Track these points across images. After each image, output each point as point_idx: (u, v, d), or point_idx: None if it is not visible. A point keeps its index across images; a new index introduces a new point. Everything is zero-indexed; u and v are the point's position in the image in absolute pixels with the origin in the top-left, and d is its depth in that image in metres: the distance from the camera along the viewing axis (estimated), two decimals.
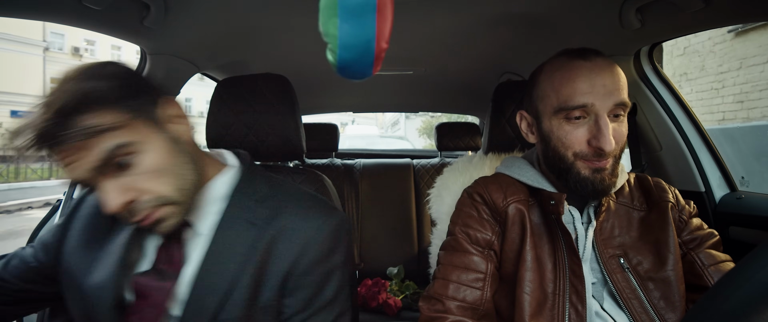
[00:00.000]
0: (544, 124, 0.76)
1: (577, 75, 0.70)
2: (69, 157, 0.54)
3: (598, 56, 0.72)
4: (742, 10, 0.86)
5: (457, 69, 1.65)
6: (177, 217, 0.61)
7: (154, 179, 0.58)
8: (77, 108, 0.53)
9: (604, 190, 0.72)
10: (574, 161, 0.72)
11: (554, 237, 0.76)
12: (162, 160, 0.59)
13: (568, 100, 0.70)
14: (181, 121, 0.64)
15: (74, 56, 18.75)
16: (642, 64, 1.20)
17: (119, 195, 0.56)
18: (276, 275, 0.64)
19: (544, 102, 0.75)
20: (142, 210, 0.58)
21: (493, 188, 0.82)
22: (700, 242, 0.77)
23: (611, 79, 0.70)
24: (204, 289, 0.62)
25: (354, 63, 0.54)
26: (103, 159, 0.54)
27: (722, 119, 5.42)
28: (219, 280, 0.63)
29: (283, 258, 0.65)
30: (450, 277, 0.76)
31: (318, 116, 2.76)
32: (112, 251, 0.66)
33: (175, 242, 0.66)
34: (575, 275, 0.72)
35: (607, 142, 0.68)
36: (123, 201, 0.56)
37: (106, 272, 0.64)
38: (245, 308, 0.62)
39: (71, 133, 0.52)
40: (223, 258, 0.64)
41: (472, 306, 0.74)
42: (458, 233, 0.80)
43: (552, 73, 0.74)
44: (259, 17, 1.08)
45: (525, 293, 0.71)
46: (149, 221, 0.59)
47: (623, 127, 0.72)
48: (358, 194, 1.99)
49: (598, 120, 0.69)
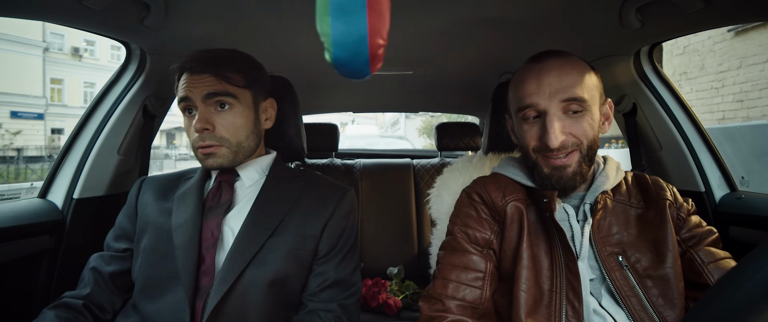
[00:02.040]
0: (515, 125, 0.83)
1: (526, 77, 0.77)
2: (202, 80, 0.83)
3: (552, 57, 0.76)
4: (742, 10, 0.87)
5: (457, 69, 1.65)
6: (224, 159, 0.85)
7: (228, 127, 0.85)
8: (228, 60, 0.87)
9: (564, 187, 0.76)
10: (536, 158, 0.77)
11: (550, 235, 0.76)
12: (241, 121, 0.87)
13: (520, 102, 0.77)
14: (269, 115, 0.96)
15: (74, 57, 18.76)
16: (642, 64, 1.20)
17: (211, 119, 0.83)
18: (314, 226, 0.88)
19: (511, 104, 0.83)
20: (209, 140, 0.83)
21: (491, 188, 0.83)
22: (700, 239, 0.77)
23: (558, 78, 0.73)
24: (255, 225, 0.84)
25: (349, 62, 0.54)
26: (214, 92, 0.83)
27: (722, 118, 5.42)
28: (269, 218, 0.85)
29: (320, 216, 0.89)
30: (449, 276, 0.77)
31: (318, 116, 2.76)
32: (185, 197, 0.88)
33: (227, 186, 0.90)
34: (571, 272, 0.72)
35: (550, 138, 0.72)
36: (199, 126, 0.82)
37: (186, 213, 0.85)
38: (293, 241, 0.85)
39: (214, 66, 0.84)
40: (271, 203, 0.88)
41: (471, 305, 0.74)
42: (457, 232, 0.81)
43: (516, 77, 0.81)
44: (259, 17, 1.08)
45: (521, 290, 0.72)
46: (207, 151, 0.84)
47: (584, 123, 0.74)
48: (358, 194, 1.99)
49: (545, 118, 0.74)
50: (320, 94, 2.03)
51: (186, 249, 0.80)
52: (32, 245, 1.05)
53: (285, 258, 0.83)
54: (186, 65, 0.85)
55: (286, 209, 0.87)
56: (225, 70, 0.85)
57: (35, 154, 15.65)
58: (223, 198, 0.88)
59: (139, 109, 1.26)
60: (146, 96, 1.26)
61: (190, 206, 0.86)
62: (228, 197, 0.88)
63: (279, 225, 0.85)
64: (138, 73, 1.22)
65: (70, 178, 1.17)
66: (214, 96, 0.84)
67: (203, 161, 0.86)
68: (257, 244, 0.82)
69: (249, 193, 0.90)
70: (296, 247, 0.85)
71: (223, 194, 0.89)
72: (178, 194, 0.90)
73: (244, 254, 0.80)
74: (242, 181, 0.91)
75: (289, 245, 0.84)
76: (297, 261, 0.85)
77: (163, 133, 23.75)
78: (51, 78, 18.11)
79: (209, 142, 0.84)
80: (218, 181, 0.91)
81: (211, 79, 0.84)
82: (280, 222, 0.85)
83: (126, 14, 0.96)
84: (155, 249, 0.84)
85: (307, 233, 0.87)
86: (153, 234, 0.86)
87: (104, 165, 1.22)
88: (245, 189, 0.91)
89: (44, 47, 17.35)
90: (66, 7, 0.87)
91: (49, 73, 17.87)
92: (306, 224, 0.87)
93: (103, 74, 17.25)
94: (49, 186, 1.18)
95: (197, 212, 0.85)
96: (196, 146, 0.85)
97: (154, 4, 0.94)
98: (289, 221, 0.86)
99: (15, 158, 14.05)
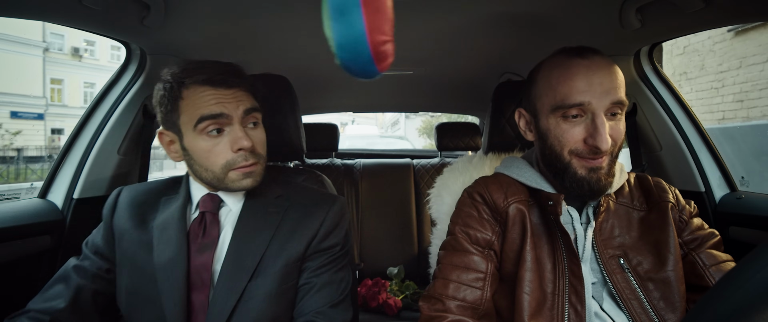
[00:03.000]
0: (542, 123, 0.77)
1: (574, 73, 0.71)
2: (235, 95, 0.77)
3: (596, 55, 0.72)
4: (742, 10, 0.87)
5: (457, 69, 1.65)
6: (260, 177, 0.82)
7: (261, 145, 0.83)
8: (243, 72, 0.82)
9: (600, 190, 0.72)
10: (570, 160, 0.73)
11: (553, 237, 0.76)
12: (265, 137, 0.85)
13: (565, 99, 0.71)
14: None
15: (74, 57, 18.75)
16: (642, 64, 1.20)
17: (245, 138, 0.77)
18: (296, 249, 0.82)
19: (542, 100, 0.76)
20: (252, 158, 0.79)
21: (493, 188, 0.81)
22: (701, 242, 0.77)
23: (608, 78, 0.70)
24: (234, 268, 0.77)
25: (353, 62, 0.54)
26: (252, 108, 0.80)
27: (722, 118, 5.42)
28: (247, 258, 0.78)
29: (301, 237, 0.82)
30: (450, 276, 0.76)
31: (318, 116, 2.76)
32: (167, 229, 0.80)
33: (211, 217, 0.82)
34: (574, 276, 0.72)
35: (603, 140, 0.68)
36: (248, 144, 0.77)
37: (171, 250, 0.77)
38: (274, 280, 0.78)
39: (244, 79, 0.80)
40: (249, 236, 0.80)
41: (472, 306, 0.74)
42: (458, 232, 0.80)
43: (550, 71, 0.75)
44: (259, 17, 1.08)
45: (525, 293, 0.71)
46: (250, 170, 0.79)
47: (621, 126, 0.72)
48: (358, 194, 1.99)
49: (595, 118, 0.70)
50: (320, 94, 2.03)
51: (173, 294, 0.74)
52: (32, 245, 1.05)
53: (268, 301, 0.77)
54: (212, 78, 0.76)
55: (266, 242, 0.80)
56: (252, 85, 0.81)
57: (35, 155, 15.64)
58: (208, 234, 0.81)
59: (139, 109, 1.26)
60: (146, 96, 1.26)
61: (173, 241, 0.78)
62: (214, 234, 0.81)
63: (259, 265, 0.78)
64: (138, 73, 1.22)
65: (70, 178, 1.17)
66: (251, 112, 0.79)
67: (239, 181, 0.78)
68: (237, 291, 0.75)
69: (231, 219, 0.84)
70: (278, 285, 0.78)
71: (207, 228, 0.81)
72: (158, 223, 0.81)
73: (226, 303, 0.75)
74: (227, 206, 0.84)
75: (270, 287, 0.77)
76: (284, 300, 0.80)
77: None
78: (51, 78, 18.09)
79: (252, 160, 0.79)
80: (201, 212, 0.82)
81: (244, 95, 0.79)
82: (260, 261, 0.78)
83: (126, 14, 0.95)
84: (137, 291, 0.77)
85: (288, 263, 0.80)
86: (134, 273, 0.79)
87: (104, 165, 1.22)
88: (228, 216, 0.84)
89: (44, 47, 17.35)
90: (66, 7, 0.87)
91: (49, 73, 17.86)
92: (288, 254, 0.80)
93: (103, 74, 17.24)
94: (49, 186, 1.18)
95: (182, 250, 0.77)
96: (235, 166, 0.77)
97: (154, 4, 0.94)
98: (270, 256, 0.79)
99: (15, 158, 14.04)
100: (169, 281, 0.75)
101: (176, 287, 0.75)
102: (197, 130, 0.76)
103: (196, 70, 0.76)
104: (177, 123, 0.78)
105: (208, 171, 0.78)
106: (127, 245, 0.80)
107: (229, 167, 0.77)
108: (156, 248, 0.78)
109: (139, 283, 0.77)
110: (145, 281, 0.77)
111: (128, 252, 0.80)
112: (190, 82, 0.76)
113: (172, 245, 0.78)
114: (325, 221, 0.85)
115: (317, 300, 0.81)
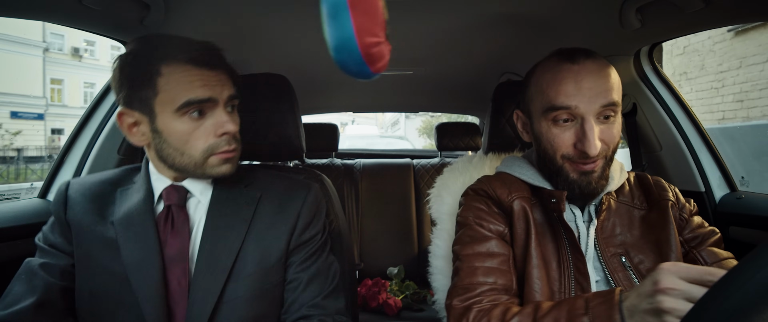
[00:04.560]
0: (536, 125, 0.77)
1: (563, 77, 0.71)
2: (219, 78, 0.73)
3: (588, 58, 0.72)
4: (742, 10, 0.86)
5: (457, 69, 1.65)
6: (237, 163, 0.78)
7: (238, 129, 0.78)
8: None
9: (592, 193, 0.73)
10: (563, 164, 0.73)
11: (557, 235, 0.76)
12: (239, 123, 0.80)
13: (553, 102, 0.72)
14: None
15: (74, 57, 18.76)
16: (642, 64, 1.20)
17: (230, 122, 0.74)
18: (276, 248, 0.78)
19: (534, 103, 0.77)
20: (234, 143, 0.76)
21: (497, 185, 0.82)
22: (702, 240, 0.77)
23: (598, 82, 0.70)
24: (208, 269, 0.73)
25: (346, 63, 0.55)
26: (234, 95, 0.76)
27: (722, 118, 5.42)
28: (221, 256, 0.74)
29: (280, 234, 0.79)
30: (475, 263, 0.74)
31: (318, 116, 2.76)
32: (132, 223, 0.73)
33: (179, 211, 0.76)
34: (580, 273, 0.72)
35: (591, 146, 0.68)
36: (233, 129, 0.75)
37: (141, 249, 0.72)
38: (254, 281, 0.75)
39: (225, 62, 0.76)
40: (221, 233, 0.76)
41: (504, 288, 0.72)
42: (473, 222, 0.79)
43: (542, 74, 0.76)
44: (259, 17, 1.08)
45: (534, 290, 0.71)
46: (231, 155, 0.76)
47: (614, 129, 0.72)
48: (358, 194, 1.99)
49: (584, 123, 0.70)
50: (320, 94, 2.03)
51: (152, 297, 0.69)
52: (32, 245, 1.04)
53: (249, 304, 0.73)
54: (196, 57, 0.71)
55: (241, 238, 0.75)
56: (231, 68, 0.77)
57: (35, 155, 15.65)
58: (177, 229, 0.75)
59: None
60: None
61: (142, 238, 0.72)
62: (185, 229, 0.75)
63: (235, 265, 0.73)
64: None
65: (70, 178, 1.16)
66: (234, 99, 0.76)
67: (218, 166, 0.74)
68: (214, 293, 0.71)
69: (201, 211, 0.78)
70: (259, 287, 0.75)
71: (175, 222, 0.75)
72: (120, 218, 0.74)
73: (204, 309, 0.70)
74: (195, 198, 0.78)
75: (249, 290, 0.74)
76: (265, 301, 0.76)
77: None
78: (51, 78, 18.10)
79: (234, 145, 0.76)
80: (167, 204, 0.76)
81: (226, 78, 0.75)
82: (236, 259, 0.74)
83: (126, 14, 0.95)
84: (105, 294, 0.71)
85: (269, 264, 0.76)
86: (100, 274, 0.71)
87: (104, 165, 1.22)
88: (198, 207, 0.78)
89: (44, 47, 17.35)
90: (66, 7, 0.87)
91: (49, 73, 17.86)
92: (266, 253, 0.77)
93: (103, 74, 17.22)
94: (49, 186, 1.18)
95: (154, 247, 0.71)
96: (217, 151, 0.73)
97: (154, 4, 0.94)
98: (246, 254, 0.75)
99: (15, 158, 14.04)
100: (145, 282, 0.69)
101: (154, 290, 0.69)
102: (178, 113, 0.70)
103: (177, 46, 0.71)
104: (150, 103, 0.70)
105: (184, 155, 0.72)
106: (87, 243, 0.73)
107: (211, 151, 0.73)
108: (123, 247, 0.71)
109: (107, 285, 0.71)
110: (114, 282, 0.70)
111: (91, 251, 0.72)
112: (172, 59, 0.69)
113: (141, 242, 0.72)
114: (302, 212, 0.81)
115: (308, 294, 0.78)
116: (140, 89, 0.70)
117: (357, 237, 1.94)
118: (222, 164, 0.75)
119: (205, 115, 0.73)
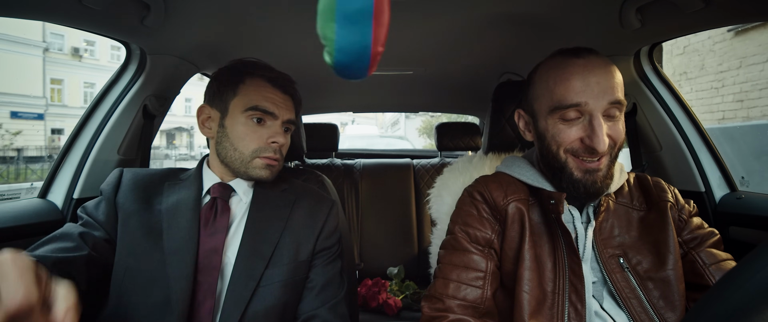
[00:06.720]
0: (540, 124, 0.77)
1: (571, 74, 0.71)
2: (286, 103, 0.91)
3: (593, 55, 0.72)
4: (742, 10, 0.86)
5: (457, 69, 1.65)
6: (276, 173, 0.91)
7: (287, 148, 0.93)
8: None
9: (596, 192, 0.72)
10: (567, 160, 0.73)
11: (554, 236, 0.76)
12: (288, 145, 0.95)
13: (562, 99, 0.71)
14: None
15: (74, 57, 18.76)
16: (642, 64, 1.20)
17: (281, 136, 0.89)
18: (306, 248, 0.89)
19: (540, 101, 0.76)
20: (278, 154, 0.89)
21: (493, 187, 0.82)
22: (701, 241, 0.77)
23: (605, 77, 0.70)
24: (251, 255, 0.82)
25: (350, 66, 0.56)
26: (293, 120, 0.93)
27: (722, 118, 5.42)
28: (263, 245, 0.84)
29: (310, 236, 0.90)
30: (450, 276, 0.76)
31: (318, 116, 2.76)
32: (177, 213, 0.82)
33: (222, 204, 0.86)
34: (575, 275, 0.72)
35: (599, 141, 0.68)
36: (282, 142, 0.89)
37: (182, 235, 0.80)
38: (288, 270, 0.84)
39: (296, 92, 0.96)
40: (263, 226, 0.86)
41: (473, 304, 0.74)
42: (458, 232, 0.80)
43: (547, 72, 0.75)
44: (259, 17, 1.08)
45: (524, 291, 0.71)
46: (275, 163, 0.89)
47: (619, 126, 0.72)
48: (358, 194, 1.99)
49: (592, 120, 0.70)
50: (320, 94, 2.03)
51: (182, 277, 0.76)
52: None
53: (282, 289, 0.83)
54: (275, 78, 0.89)
55: (279, 232, 0.86)
56: (299, 100, 0.95)
57: (35, 155, 15.65)
58: (220, 220, 0.84)
59: (139, 109, 1.26)
60: (146, 96, 1.25)
61: (185, 225, 0.81)
62: (225, 220, 0.84)
63: (273, 254, 0.84)
64: (138, 73, 1.22)
65: (70, 178, 1.16)
66: (291, 123, 0.92)
67: (261, 169, 0.87)
68: (255, 278, 0.80)
69: (241, 209, 0.89)
70: (291, 276, 0.85)
71: (219, 214, 0.85)
72: (167, 207, 0.83)
73: (244, 291, 0.79)
74: (238, 195, 0.90)
75: (284, 276, 0.84)
76: (294, 289, 0.85)
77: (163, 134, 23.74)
78: (51, 78, 18.10)
79: (278, 156, 0.89)
80: (213, 197, 0.87)
81: (291, 105, 0.91)
82: (275, 249, 0.84)
83: (126, 14, 0.95)
84: (141, 272, 0.77)
85: (300, 259, 0.87)
86: (140, 255, 0.78)
87: (104, 165, 1.22)
88: (238, 205, 0.89)
89: (44, 47, 17.35)
90: (66, 7, 0.87)
91: (49, 73, 17.86)
92: (299, 249, 0.87)
93: (103, 74, 17.25)
94: (49, 186, 1.18)
95: (194, 233, 0.80)
96: (261, 155, 0.86)
97: (154, 4, 0.94)
98: (283, 246, 0.86)
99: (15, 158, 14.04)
100: (179, 263, 0.77)
101: (185, 270, 0.76)
102: (245, 114, 0.85)
103: (262, 68, 0.90)
104: (227, 102, 0.87)
105: (236, 151, 0.86)
106: (133, 227, 0.80)
107: (258, 153, 0.86)
108: (166, 232, 0.80)
109: (145, 264, 0.77)
110: (152, 262, 0.77)
111: (136, 235, 0.79)
112: (258, 73, 0.88)
113: (183, 228, 0.80)
114: (328, 220, 0.93)
115: (319, 299, 0.87)
116: (225, 91, 0.88)
117: (357, 237, 1.94)
118: (264, 169, 0.87)
119: (264, 125, 0.88)
